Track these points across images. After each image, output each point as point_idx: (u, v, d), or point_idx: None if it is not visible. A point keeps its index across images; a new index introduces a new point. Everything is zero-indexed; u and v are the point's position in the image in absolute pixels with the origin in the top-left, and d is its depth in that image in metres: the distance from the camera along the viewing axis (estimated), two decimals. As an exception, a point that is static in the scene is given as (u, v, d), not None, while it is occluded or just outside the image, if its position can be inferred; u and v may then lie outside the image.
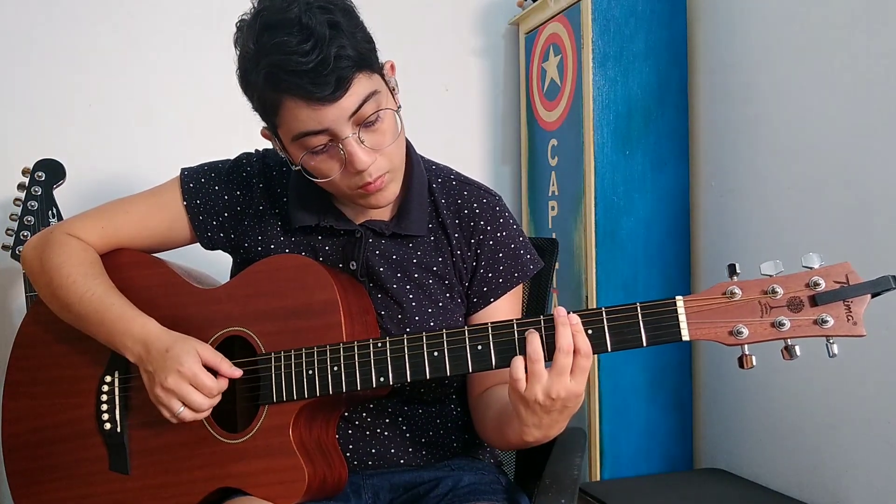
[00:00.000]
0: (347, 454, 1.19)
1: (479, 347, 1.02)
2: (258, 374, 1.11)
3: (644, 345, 0.96)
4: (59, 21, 2.04)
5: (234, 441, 1.11)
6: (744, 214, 1.98)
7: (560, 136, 2.20)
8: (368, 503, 1.19)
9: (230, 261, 1.31)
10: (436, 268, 1.21)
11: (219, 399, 1.10)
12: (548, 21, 2.24)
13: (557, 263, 1.57)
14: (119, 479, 1.17)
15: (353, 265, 1.19)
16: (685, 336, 0.95)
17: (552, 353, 0.97)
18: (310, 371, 1.08)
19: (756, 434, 1.96)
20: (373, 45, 1.07)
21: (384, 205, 1.14)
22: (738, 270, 0.95)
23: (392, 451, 1.20)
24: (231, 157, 1.28)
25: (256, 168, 1.25)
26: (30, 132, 2.01)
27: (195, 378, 1.07)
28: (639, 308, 0.97)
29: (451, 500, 1.13)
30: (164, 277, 1.22)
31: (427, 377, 1.04)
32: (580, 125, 2.08)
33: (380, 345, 1.06)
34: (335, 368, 1.07)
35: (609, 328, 0.97)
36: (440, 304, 1.20)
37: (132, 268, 1.24)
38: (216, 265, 1.35)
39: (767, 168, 1.90)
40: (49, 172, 1.69)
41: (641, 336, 0.96)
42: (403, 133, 1.12)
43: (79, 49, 2.05)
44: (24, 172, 1.70)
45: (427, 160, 1.27)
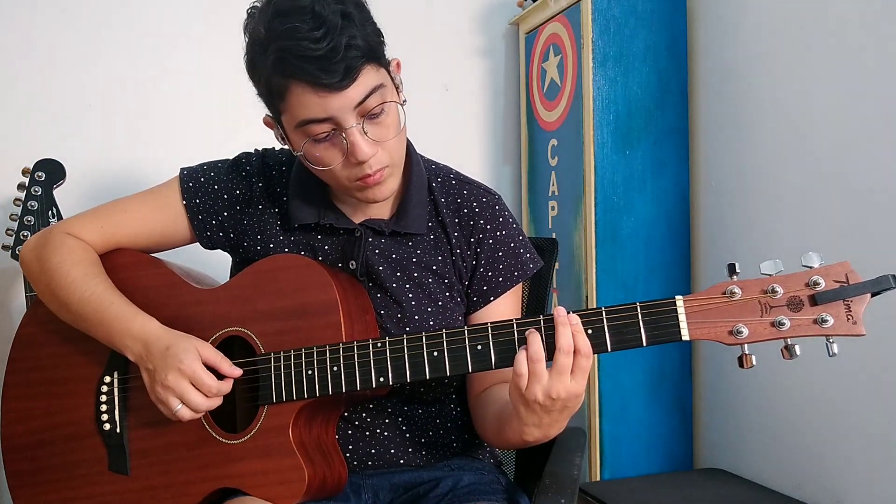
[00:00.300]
0: (347, 454, 1.19)
1: (479, 347, 1.02)
2: (258, 375, 1.11)
3: (644, 344, 0.96)
4: (59, 21, 2.04)
5: (234, 441, 1.11)
6: (744, 214, 1.98)
7: (560, 136, 2.20)
8: (368, 503, 1.19)
9: (229, 260, 1.31)
10: (435, 267, 1.21)
11: (220, 400, 1.10)
12: (548, 21, 2.24)
13: (557, 263, 1.57)
14: (118, 480, 1.17)
15: (353, 264, 1.19)
16: (685, 336, 0.95)
17: (552, 353, 0.97)
18: (309, 371, 1.08)
19: (756, 434, 1.95)
20: (382, 39, 1.08)
21: (381, 199, 1.14)
22: (738, 270, 0.95)
23: (392, 451, 1.20)
24: (230, 157, 1.28)
25: (256, 167, 1.25)
26: (30, 132, 2.02)
27: (195, 376, 1.07)
28: (639, 308, 0.97)
29: (451, 500, 1.13)
30: (164, 277, 1.22)
31: (427, 377, 1.04)
32: (580, 125, 2.08)
33: (379, 345, 1.06)
34: (335, 368, 1.07)
35: (609, 328, 0.97)
36: (440, 303, 1.20)
37: (131, 268, 1.24)
38: (215, 265, 1.35)
39: (767, 168, 1.90)
40: (49, 172, 1.69)
41: (641, 336, 0.96)
42: (405, 129, 1.13)
43: (79, 49, 2.05)
44: (24, 172, 1.70)
45: (427, 159, 1.27)
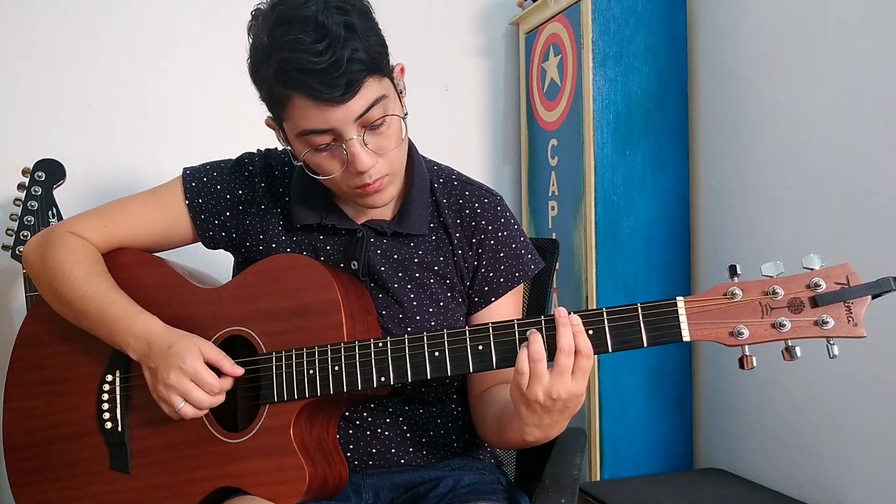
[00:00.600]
0: (348, 454, 1.19)
1: (480, 347, 1.02)
2: (259, 374, 1.11)
3: (645, 345, 0.97)
4: (59, 21, 2.04)
5: (235, 441, 1.11)
6: (744, 214, 1.98)
7: (560, 136, 2.20)
8: (369, 503, 1.19)
9: (231, 260, 1.31)
10: (437, 267, 1.21)
11: (222, 398, 1.11)
12: (548, 21, 2.24)
13: (558, 264, 1.57)
14: (120, 479, 1.17)
15: (355, 265, 1.19)
16: (686, 336, 0.95)
17: (553, 354, 0.97)
18: (311, 371, 1.08)
19: (756, 434, 1.96)
20: (385, 49, 1.08)
21: (381, 205, 1.15)
22: (739, 271, 0.95)
23: (393, 451, 1.20)
24: (233, 157, 1.28)
25: (258, 167, 1.25)
26: (30, 132, 2.01)
27: (196, 374, 1.07)
28: (640, 308, 0.97)
29: (452, 500, 1.13)
30: (166, 277, 1.22)
31: (428, 377, 1.04)
32: (580, 125, 2.08)
33: (381, 344, 1.06)
34: (336, 368, 1.07)
35: (610, 328, 0.98)
36: (441, 304, 1.20)
37: (133, 267, 1.24)
38: (217, 265, 1.35)
39: (767, 168, 1.90)
40: (49, 172, 1.69)
41: (642, 336, 0.96)
42: (407, 139, 1.13)
43: (79, 49, 2.05)
44: (24, 172, 1.70)
45: (429, 160, 1.27)
